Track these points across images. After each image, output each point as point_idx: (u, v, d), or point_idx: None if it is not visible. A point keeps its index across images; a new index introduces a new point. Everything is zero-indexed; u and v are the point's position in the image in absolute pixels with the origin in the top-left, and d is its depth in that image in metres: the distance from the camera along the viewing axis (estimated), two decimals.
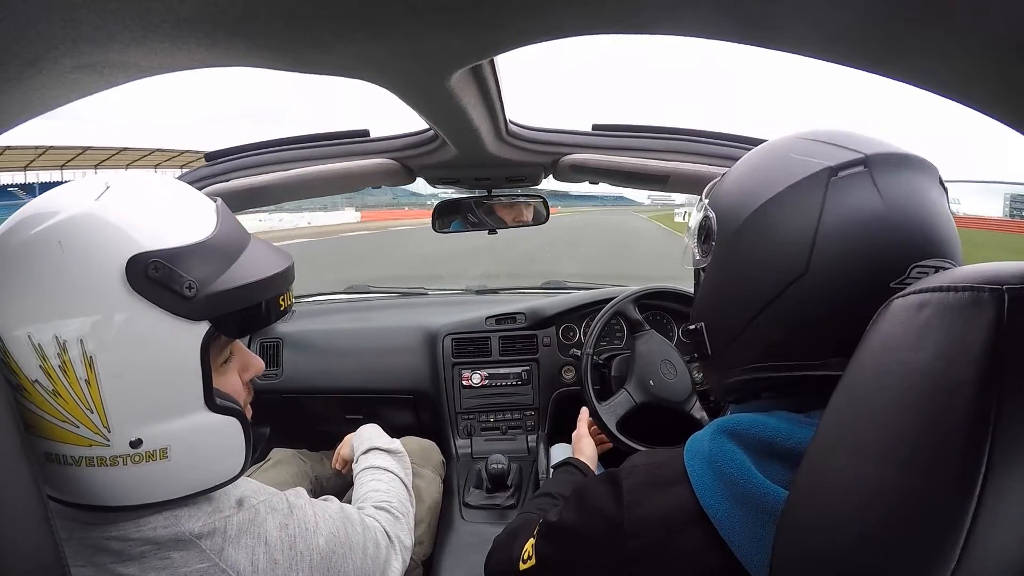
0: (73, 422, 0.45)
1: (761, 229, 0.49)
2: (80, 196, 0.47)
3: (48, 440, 0.46)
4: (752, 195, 0.50)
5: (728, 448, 0.48)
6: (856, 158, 0.46)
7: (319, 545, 0.59)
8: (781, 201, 0.48)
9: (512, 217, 1.36)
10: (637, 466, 0.54)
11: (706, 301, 0.57)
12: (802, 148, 0.50)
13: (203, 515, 0.53)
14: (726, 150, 1.04)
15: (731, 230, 0.52)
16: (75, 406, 0.44)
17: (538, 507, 0.81)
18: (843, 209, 0.45)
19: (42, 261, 0.44)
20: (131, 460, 0.47)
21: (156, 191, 0.51)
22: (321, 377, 1.48)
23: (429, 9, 0.41)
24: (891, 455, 0.34)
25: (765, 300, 0.48)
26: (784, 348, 0.49)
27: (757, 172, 0.52)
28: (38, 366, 0.43)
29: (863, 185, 0.45)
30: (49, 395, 0.44)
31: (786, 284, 0.47)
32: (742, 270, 0.51)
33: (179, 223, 0.49)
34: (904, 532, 0.32)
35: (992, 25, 0.31)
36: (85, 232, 0.45)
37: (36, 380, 0.44)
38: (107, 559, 0.49)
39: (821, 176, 0.46)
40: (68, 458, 0.46)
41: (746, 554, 0.44)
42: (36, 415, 0.45)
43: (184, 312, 0.46)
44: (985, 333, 0.30)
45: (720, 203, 0.54)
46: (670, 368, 1.16)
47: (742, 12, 0.39)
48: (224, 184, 1.10)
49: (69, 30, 0.37)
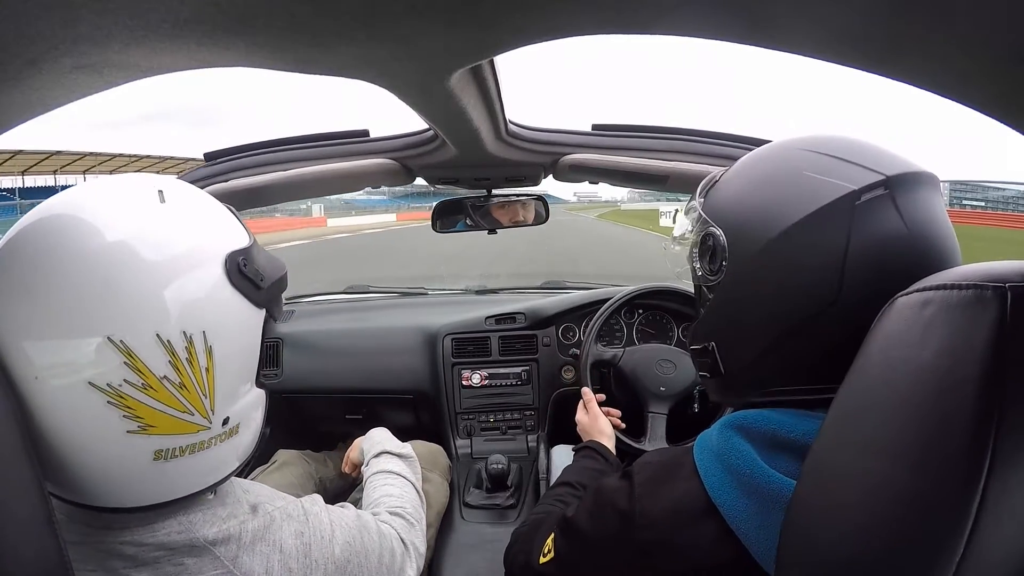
0: (191, 411, 0.48)
1: (787, 255, 0.48)
2: (146, 199, 0.48)
3: (162, 436, 0.47)
4: (771, 217, 0.49)
5: (735, 441, 0.49)
6: (878, 180, 0.46)
7: (335, 554, 0.59)
8: (808, 226, 0.47)
9: (511, 217, 1.36)
10: (649, 462, 0.56)
11: (720, 322, 0.56)
12: (818, 166, 0.49)
13: (218, 521, 0.53)
14: (726, 150, 1.04)
15: (750, 252, 0.51)
16: (196, 395, 0.47)
17: (558, 498, 0.82)
18: (869, 234, 0.46)
19: (160, 262, 0.45)
20: (219, 440, 0.51)
21: (206, 197, 0.54)
22: (321, 377, 1.48)
23: (429, 9, 0.41)
24: (895, 451, 0.34)
25: (794, 325, 0.48)
26: (814, 372, 0.49)
27: (769, 189, 0.51)
28: (167, 362, 0.45)
29: (886, 208, 0.46)
30: (176, 388, 0.46)
31: (818, 311, 0.47)
32: (766, 295, 0.50)
33: (236, 225, 0.54)
34: (908, 527, 0.33)
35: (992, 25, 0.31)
36: (193, 228, 0.49)
37: (164, 376, 0.45)
38: (119, 564, 0.49)
39: (846, 201, 0.46)
40: (176, 450, 0.48)
41: (755, 543, 0.45)
42: (159, 412, 0.46)
43: (257, 300, 0.52)
44: (988, 331, 0.30)
45: (729, 220, 0.53)
46: (668, 365, 1.18)
47: (742, 12, 0.39)
48: (224, 184, 1.10)
49: (69, 30, 0.37)
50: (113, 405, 0.44)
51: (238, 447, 0.55)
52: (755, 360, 0.52)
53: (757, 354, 0.51)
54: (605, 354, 1.25)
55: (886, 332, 0.37)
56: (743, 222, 0.52)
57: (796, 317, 0.48)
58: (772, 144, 0.56)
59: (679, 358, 1.20)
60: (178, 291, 0.46)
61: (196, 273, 0.47)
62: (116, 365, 0.43)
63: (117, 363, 0.43)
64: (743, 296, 0.52)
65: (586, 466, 0.92)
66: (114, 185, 0.49)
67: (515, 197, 1.34)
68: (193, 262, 0.47)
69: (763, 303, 0.50)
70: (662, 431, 1.14)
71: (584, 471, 0.90)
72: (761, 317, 0.51)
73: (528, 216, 1.37)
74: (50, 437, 0.44)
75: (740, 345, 0.53)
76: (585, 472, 0.90)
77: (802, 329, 0.48)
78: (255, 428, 0.57)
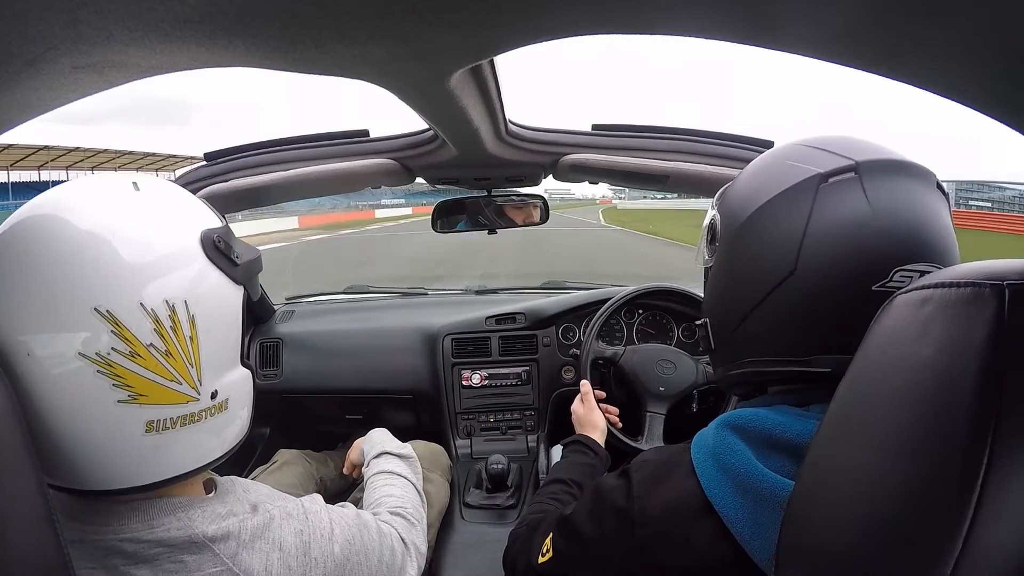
0: (178, 380, 0.50)
1: (756, 230, 0.52)
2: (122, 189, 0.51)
3: (153, 406, 0.48)
4: (750, 199, 0.53)
5: (730, 440, 0.50)
6: (846, 164, 0.49)
7: (334, 552, 0.59)
8: (775, 204, 0.51)
9: (511, 217, 1.36)
10: (647, 461, 0.57)
11: (711, 298, 0.60)
12: (799, 155, 0.53)
13: (217, 518, 0.53)
14: (726, 150, 1.04)
15: (731, 231, 0.55)
16: (182, 363, 0.50)
17: (552, 496, 0.82)
18: (831, 213, 0.48)
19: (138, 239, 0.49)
20: (209, 414, 0.53)
21: (179, 188, 0.57)
22: (321, 377, 1.48)
23: (429, 9, 0.41)
24: (895, 448, 0.34)
25: (758, 297, 0.51)
26: (773, 344, 0.52)
27: (757, 178, 0.55)
28: (152, 330, 0.48)
29: (852, 191, 0.48)
30: (162, 356, 0.48)
31: (776, 282, 0.50)
32: (740, 269, 0.54)
33: (208, 210, 0.57)
34: (906, 521, 0.33)
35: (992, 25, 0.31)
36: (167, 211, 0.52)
37: (151, 344, 0.48)
38: (119, 561, 0.49)
39: (812, 182, 0.49)
40: (168, 421, 0.50)
41: (751, 543, 0.45)
42: (148, 380, 0.48)
43: (235, 277, 0.55)
44: (987, 328, 0.31)
45: (725, 206, 0.58)
46: (668, 365, 1.19)
47: (742, 12, 0.39)
48: (224, 184, 1.10)
49: (69, 30, 0.37)
50: (103, 374, 0.46)
51: (229, 425, 0.56)
52: (734, 331, 0.55)
53: (735, 325, 0.55)
54: (605, 352, 1.25)
55: (885, 329, 0.38)
56: (733, 206, 0.56)
57: (763, 288, 0.51)
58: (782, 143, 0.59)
59: (679, 358, 1.20)
60: (157, 263, 0.49)
61: (173, 246, 0.50)
62: (104, 334, 0.46)
63: (105, 332, 0.46)
64: (725, 272, 0.57)
65: (576, 461, 0.93)
66: (93, 180, 0.52)
67: (515, 197, 1.34)
68: (170, 238, 0.51)
69: (739, 276, 0.54)
70: (660, 431, 1.14)
71: (574, 466, 0.91)
72: (737, 290, 0.54)
73: (528, 216, 1.37)
74: (45, 416, 0.46)
75: (724, 318, 0.57)
76: (575, 467, 0.91)
77: (768, 300, 0.51)
78: (247, 410, 0.59)
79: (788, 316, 0.50)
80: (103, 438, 0.47)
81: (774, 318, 0.51)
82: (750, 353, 0.54)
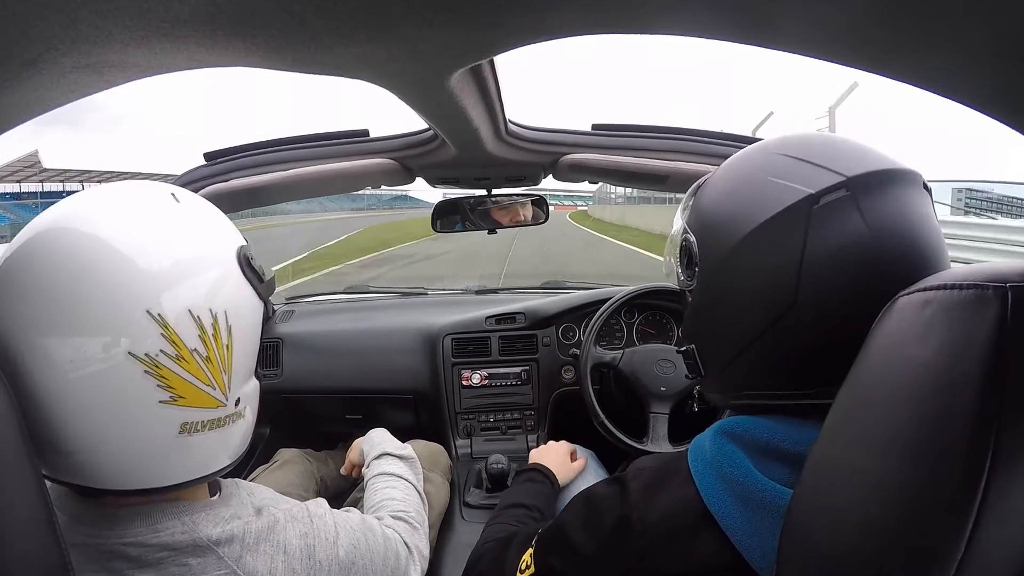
0: (213, 384, 0.52)
1: (745, 261, 0.49)
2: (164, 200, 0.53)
3: (189, 408, 0.50)
4: (733, 224, 0.49)
5: (728, 449, 0.49)
6: (837, 181, 0.45)
7: (339, 555, 0.59)
8: (763, 233, 0.47)
9: (511, 217, 1.36)
10: (644, 468, 0.55)
11: (695, 325, 0.57)
12: (781, 169, 0.48)
13: (221, 521, 0.53)
14: (726, 150, 1.04)
15: (716, 258, 0.51)
16: (218, 369, 0.52)
17: (516, 519, 0.80)
18: (828, 239, 0.44)
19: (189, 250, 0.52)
20: (232, 420, 0.55)
21: (208, 202, 0.59)
22: (321, 377, 1.48)
23: (429, 9, 0.41)
24: (896, 450, 0.34)
25: (755, 331, 0.48)
26: (774, 377, 0.49)
27: (735, 195, 0.51)
28: (197, 335, 0.50)
29: (847, 210, 0.44)
30: (204, 362, 0.51)
31: (776, 317, 0.47)
32: (731, 301, 0.51)
33: (234, 227, 0.59)
34: (908, 524, 0.33)
35: (992, 24, 0.31)
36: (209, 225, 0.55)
37: (195, 349, 0.50)
38: (123, 565, 0.49)
39: (803, 205, 0.45)
40: (199, 424, 0.51)
41: (751, 552, 0.45)
42: (188, 383, 0.50)
43: (260, 292, 0.58)
44: (989, 330, 0.30)
45: (700, 225, 0.54)
46: (668, 365, 1.19)
47: (742, 12, 0.39)
48: (224, 184, 1.10)
49: (68, 30, 0.37)
50: (149, 375, 0.47)
51: (244, 431, 0.58)
52: (730, 363, 0.52)
53: (731, 357, 0.51)
54: (605, 357, 1.25)
55: (887, 331, 0.37)
56: (712, 229, 0.52)
57: (761, 321, 0.48)
58: (750, 147, 0.55)
59: (679, 358, 1.20)
60: (205, 274, 0.52)
61: (216, 259, 0.53)
62: (154, 336, 0.47)
63: (155, 334, 0.47)
64: (713, 301, 0.53)
65: (533, 489, 0.91)
66: (133, 188, 0.54)
67: (515, 197, 1.34)
68: (213, 251, 0.54)
69: (730, 309, 0.51)
70: (664, 431, 1.14)
71: (533, 493, 0.89)
72: (730, 322, 0.51)
73: (528, 216, 1.37)
74: (80, 418, 0.46)
75: (715, 349, 0.54)
76: (534, 494, 0.89)
77: (768, 333, 0.48)
78: (254, 418, 0.61)
79: (790, 350, 0.47)
80: (137, 437, 0.48)
81: (775, 353, 0.48)
82: (749, 386, 0.52)
